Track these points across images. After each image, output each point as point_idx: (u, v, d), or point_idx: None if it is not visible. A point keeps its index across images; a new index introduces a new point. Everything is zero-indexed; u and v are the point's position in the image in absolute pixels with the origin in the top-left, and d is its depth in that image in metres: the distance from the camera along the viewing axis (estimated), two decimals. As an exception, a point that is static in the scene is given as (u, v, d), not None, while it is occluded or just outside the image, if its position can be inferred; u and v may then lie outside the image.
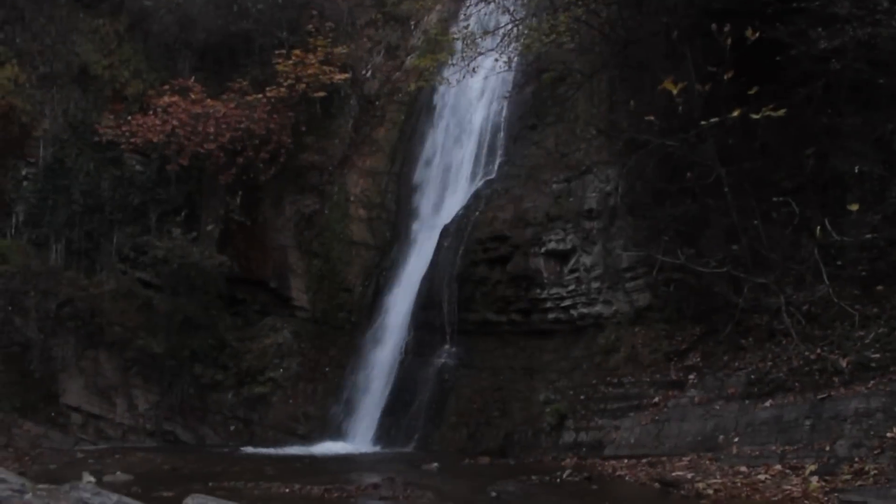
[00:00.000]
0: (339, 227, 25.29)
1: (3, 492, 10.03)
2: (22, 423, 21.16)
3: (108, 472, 15.41)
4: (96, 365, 22.91)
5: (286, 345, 24.39)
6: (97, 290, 23.33)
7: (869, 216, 13.56)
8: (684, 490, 12.20)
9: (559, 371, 20.03)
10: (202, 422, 23.51)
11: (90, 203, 24.26)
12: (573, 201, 20.74)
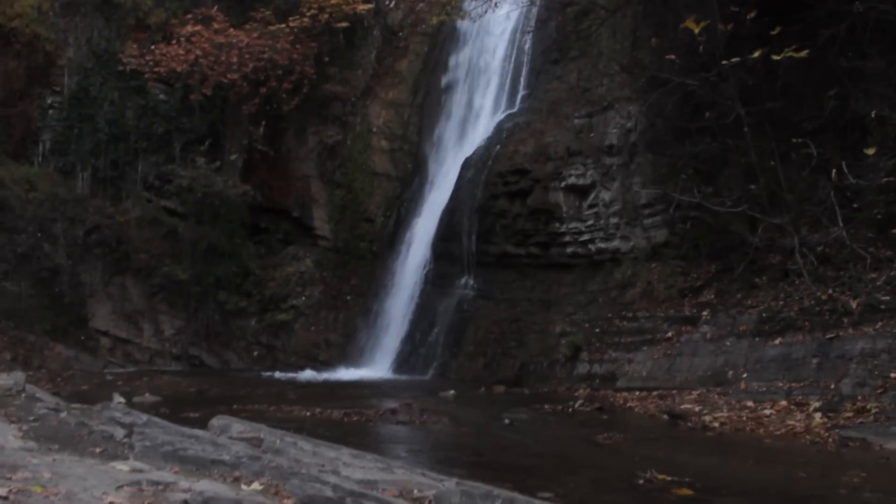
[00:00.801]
0: (361, 158, 25.48)
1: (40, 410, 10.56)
2: (53, 346, 21.79)
3: (137, 394, 15.98)
4: (123, 291, 23.47)
5: (308, 273, 24.83)
6: (123, 218, 23.78)
7: (883, 161, 13.58)
8: (691, 423, 12.57)
9: (575, 304, 20.36)
10: (226, 347, 24.12)
11: (115, 132, 24.55)
12: (594, 137, 20.80)
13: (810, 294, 14.65)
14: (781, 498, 7.92)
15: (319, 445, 8.37)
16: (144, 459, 8.08)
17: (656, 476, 8.21)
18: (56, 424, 9.98)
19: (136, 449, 8.49)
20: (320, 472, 7.16)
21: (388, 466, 7.70)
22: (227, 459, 7.67)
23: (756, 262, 16.42)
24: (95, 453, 8.57)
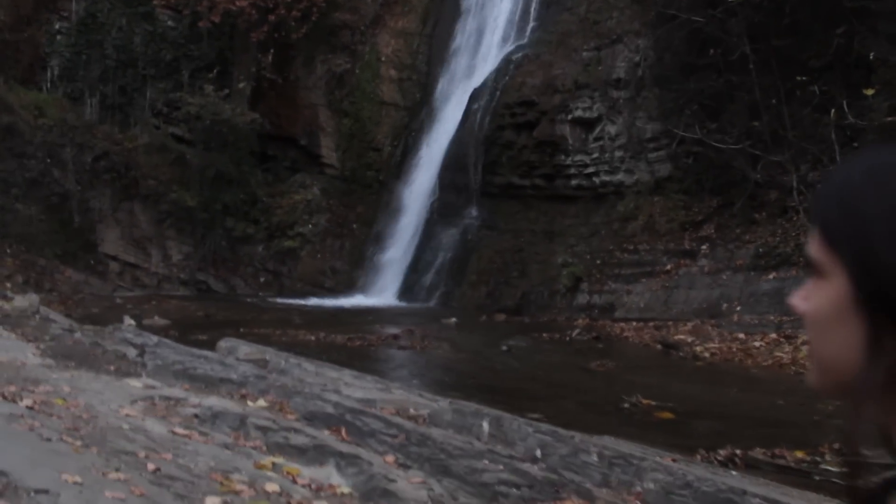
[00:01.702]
0: (369, 87, 25.55)
1: (55, 330, 11.00)
2: (63, 270, 22.21)
3: (147, 317, 16.43)
4: (132, 216, 23.81)
5: (315, 201, 25.11)
6: (131, 144, 23.98)
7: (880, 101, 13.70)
8: (683, 352, 12.98)
9: (578, 236, 20.66)
10: (233, 273, 24.54)
11: (123, 58, 24.61)
12: (602, 70, 20.85)
13: (807, 231, 14.89)
14: (757, 422, 8.34)
15: (322, 366, 8.78)
16: (156, 377, 8.52)
17: (641, 401, 8.62)
18: (71, 344, 10.42)
19: (148, 367, 8.93)
20: (322, 390, 7.56)
21: (387, 387, 8.11)
22: (235, 378, 8.09)
23: (756, 199, 16.66)
24: (110, 371, 9.01)
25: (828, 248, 0.88)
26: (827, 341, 0.89)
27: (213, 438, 6.58)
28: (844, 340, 0.87)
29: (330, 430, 6.70)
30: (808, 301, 0.90)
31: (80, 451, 5.64)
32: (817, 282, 0.89)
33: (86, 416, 6.69)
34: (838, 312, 0.87)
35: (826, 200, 0.89)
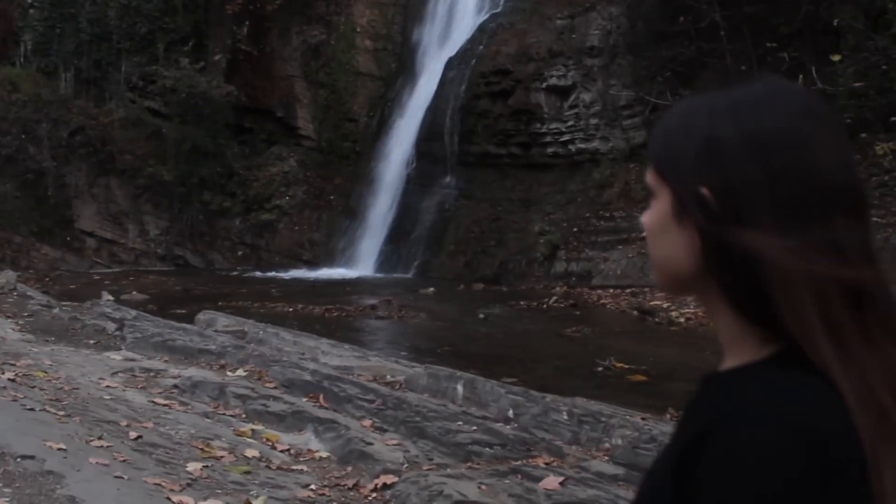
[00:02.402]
0: (345, 58, 25.49)
1: (34, 306, 11.07)
2: (40, 247, 22.15)
3: (125, 293, 16.48)
4: (108, 192, 23.73)
5: (292, 173, 25.10)
6: (107, 119, 23.85)
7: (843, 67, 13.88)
8: (658, 318, 13.20)
9: (554, 204, 20.81)
10: (211, 247, 24.54)
11: (97, 31, 24.40)
12: (576, 38, 20.91)
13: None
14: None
15: (300, 336, 8.91)
16: (136, 349, 8.64)
17: (614, 364, 8.81)
18: (50, 319, 10.51)
19: (127, 340, 9.04)
20: (300, 359, 7.71)
21: (364, 355, 8.26)
22: (214, 349, 8.22)
23: (729, 166, 16.82)
24: (90, 344, 9.12)
25: (655, 172, 1.08)
26: (659, 247, 1.09)
27: (193, 408, 6.72)
28: (671, 245, 1.06)
29: (308, 397, 6.85)
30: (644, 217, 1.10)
31: (63, 421, 5.77)
32: (653, 201, 1.09)
33: (67, 387, 6.81)
34: (665, 222, 1.06)
35: (653, 136, 1.10)
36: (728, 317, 1.04)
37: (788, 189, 0.99)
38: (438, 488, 4.74)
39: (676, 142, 1.07)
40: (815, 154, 1.01)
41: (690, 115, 1.07)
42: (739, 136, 1.01)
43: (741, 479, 0.91)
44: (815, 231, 0.99)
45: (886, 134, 14.78)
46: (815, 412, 0.92)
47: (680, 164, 1.06)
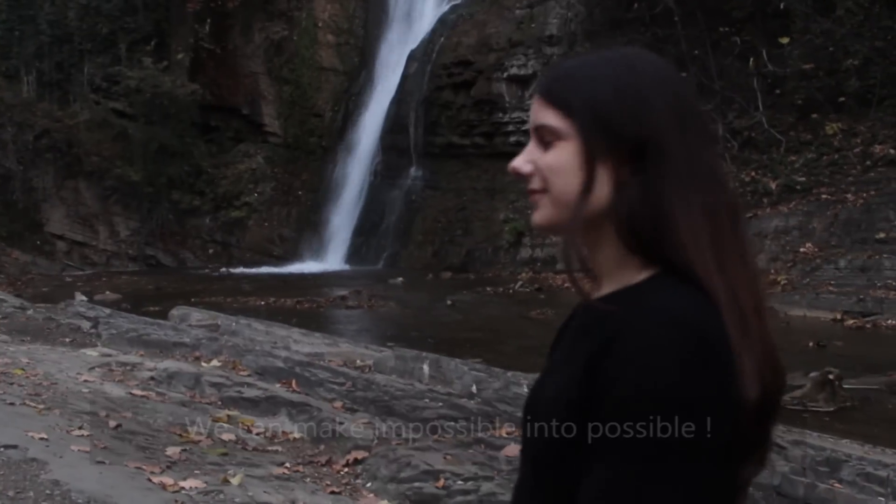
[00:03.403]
0: (307, 54, 25.64)
1: (7, 309, 11.22)
2: (10, 252, 22.14)
3: (98, 293, 16.61)
4: (76, 194, 23.74)
5: (260, 170, 25.26)
6: (72, 121, 23.84)
7: (792, 49, 14.31)
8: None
9: (518, 191, 21.11)
10: (182, 246, 24.65)
11: (58, 33, 24.37)
12: (535, 27, 21.24)
13: (735, 176, 15.53)
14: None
15: (272, 326, 9.17)
16: (112, 345, 8.85)
17: (576, 342, 9.13)
18: (24, 320, 10.67)
19: (103, 337, 9.25)
20: (273, 348, 7.97)
21: (335, 342, 8.54)
22: (188, 342, 8.46)
23: (687, 148, 17.23)
24: (66, 342, 9.31)
25: (564, 115, 1.24)
26: (569, 184, 1.23)
27: (170, 397, 6.97)
28: (584, 183, 1.22)
29: (281, 382, 7.12)
30: (543, 159, 1.25)
31: (44, 413, 6.00)
32: (550, 145, 1.24)
33: (46, 383, 7.02)
34: (578, 162, 1.22)
35: (556, 85, 1.26)
36: (612, 248, 1.24)
37: (690, 123, 1.22)
38: (406, 460, 5.04)
39: (587, 89, 1.23)
40: (691, 93, 1.26)
41: (592, 68, 1.25)
42: (646, 82, 1.22)
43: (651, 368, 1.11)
44: (705, 160, 1.23)
45: (836, 114, 15.24)
46: (699, 314, 1.15)
47: (598, 109, 1.21)
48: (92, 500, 4.37)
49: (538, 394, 1.29)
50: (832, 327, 11.14)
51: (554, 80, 1.28)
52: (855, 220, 13.11)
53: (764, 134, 15.95)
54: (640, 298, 1.18)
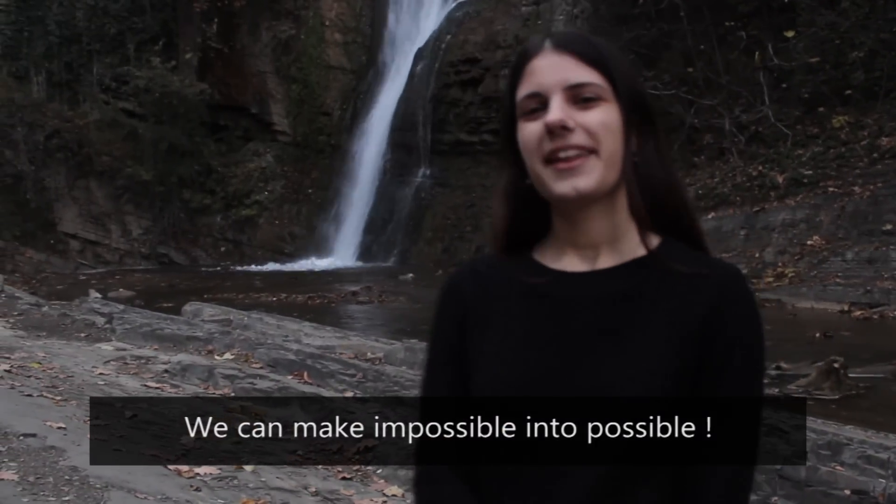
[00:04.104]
0: (315, 52, 25.76)
1: (23, 306, 11.37)
2: (24, 251, 22.34)
3: (112, 290, 16.77)
4: (88, 194, 23.93)
5: (269, 168, 25.41)
6: (82, 121, 24.03)
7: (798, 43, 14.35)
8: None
9: (528, 188, 21.23)
10: (194, 244, 24.82)
11: (67, 34, 24.56)
12: (541, 24, 21.30)
13: (742, 171, 15.60)
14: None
15: (283, 320, 9.30)
16: (126, 340, 8.99)
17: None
18: (40, 317, 10.83)
19: (117, 332, 9.39)
20: (284, 341, 8.09)
21: (346, 335, 8.66)
22: (201, 336, 8.59)
23: (695, 143, 17.31)
24: (81, 337, 9.46)
25: (607, 82, 1.27)
26: (616, 145, 1.27)
27: (184, 389, 7.10)
28: (621, 147, 1.28)
29: (292, 374, 7.24)
30: (586, 116, 1.26)
31: (61, 405, 6.13)
32: (592, 104, 1.27)
33: (62, 376, 7.16)
34: (619, 126, 1.27)
35: (598, 51, 1.29)
36: (622, 214, 1.30)
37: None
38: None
39: (619, 60, 1.29)
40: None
41: (606, 44, 1.31)
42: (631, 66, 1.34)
43: (759, 322, 1.27)
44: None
45: (843, 107, 15.28)
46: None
47: (630, 79, 1.29)
48: (109, 486, 4.49)
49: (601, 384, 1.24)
50: (839, 318, 11.19)
51: (585, 45, 1.29)
52: (862, 213, 13.16)
53: (770, 128, 15.98)
54: (708, 261, 1.29)
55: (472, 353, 1.35)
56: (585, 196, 1.26)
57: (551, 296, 1.31)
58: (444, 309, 1.42)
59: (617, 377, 1.23)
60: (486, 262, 1.41)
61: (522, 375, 1.28)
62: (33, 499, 4.16)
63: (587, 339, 1.27)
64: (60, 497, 4.23)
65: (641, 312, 1.26)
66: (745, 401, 1.24)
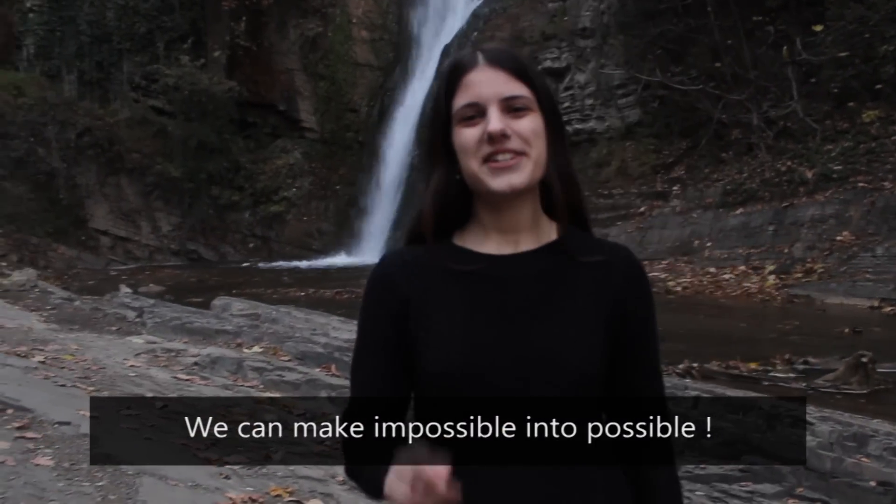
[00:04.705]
0: (342, 49, 25.89)
1: (55, 300, 11.56)
2: (56, 247, 22.64)
3: (142, 285, 16.97)
4: (119, 190, 24.21)
5: (297, 165, 25.58)
6: (113, 119, 24.32)
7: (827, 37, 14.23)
8: (656, 288, 13.56)
9: (553, 184, 21.21)
10: (222, 240, 25.04)
11: (97, 33, 24.85)
12: (568, 20, 21.27)
13: (771, 166, 15.50)
14: (718, 341, 9.00)
15: (311, 314, 9.38)
16: (156, 333, 9.12)
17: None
18: (72, 311, 11.01)
19: (147, 325, 9.53)
20: (312, 334, 8.18)
21: (372, 329, 8.71)
22: (230, 329, 8.70)
23: (723, 138, 17.22)
24: (112, 331, 9.61)
25: (531, 90, 1.48)
26: (540, 149, 1.49)
27: (214, 381, 7.20)
28: (545, 148, 1.50)
29: (321, 367, 7.33)
30: (519, 124, 1.47)
31: (94, 394, 6.25)
32: (522, 113, 1.47)
33: (94, 367, 7.29)
34: (544, 131, 1.49)
35: (519, 64, 1.50)
36: (534, 210, 1.52)
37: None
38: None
39: (540, 76, 1.52)
40: None
41: (526, 60, 1.54)
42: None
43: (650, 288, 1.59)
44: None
45: (873, 102, 15.14)
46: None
47: (549, 92, 1.52)
48: (142, 473, 4.58)
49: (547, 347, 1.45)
50: (869, 314, 11.12)
51: (515, 61, 1.50)
52: (892, 208, 13.05)
53: (799, 123, 15.87)
54: (614, 247, 1.59)
55: (418, 336, 1.50)
56: (518, 191, 1.46)
57: (486, 276, 1.50)
58: (375, 300, 1.58)
59: (557, 343, 1.45)
60: (411, 252, 1.57)
61: (474, 348, 1.45)
62: (68, 484, 4.27)
63: (524, 312, 1.47)
64: (94, 482, 4.33)
65: (567, 285, 1.50)
66: (655, 350, 1.56)
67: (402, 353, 1.51)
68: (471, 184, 1.51)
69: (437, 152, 1.55)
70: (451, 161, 1.53)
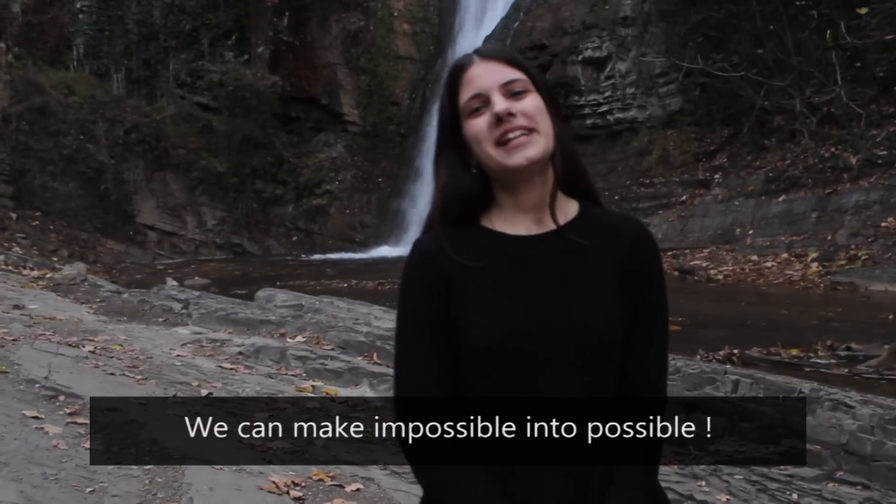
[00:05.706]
0: (384, 43, 26.03)
1: (104, 293, 11.83)
2: (105, 242, 23.10)
3: (188, 278, 17.27)
4: (165, 186, 24.62)
5: (340, 158, 25.78)
6: (159, 116, 24.72)
7: (872, 19, 14.01)
8: (698, 276, 13.57)
9: (596, 174, 21.10)
10: (266, 234, 25.35)
11: (144, 32, 25.27)
12: (608, 9, 21.18)
13: (814, 152, 15.33)
14: (757, 328, 8.97)
15: (353, 304, 9.52)
16: (201, 324, 9.32)
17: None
18: (120, 303, 11.27)
19: (193, 317, 9.73)
20: (354, 324, 8.30)
21: (412, 318, 8.82)
22: (274, 319, 8.86)
23: (765, 125, 17.05)
24: (159, 322, 9.84)
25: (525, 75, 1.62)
26: (545, 124, 1.60)
27: (258, 370, 7.36)
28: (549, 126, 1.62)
29: (363, 356, 7.45)
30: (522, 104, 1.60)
31: (141, 383, 6.43)
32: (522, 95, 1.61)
33: (142, 357, 7.49)
34: (545, 108, 1.62)
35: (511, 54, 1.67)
36: (548, 189, 1.61)
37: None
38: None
39: (529, 64, 1.65)
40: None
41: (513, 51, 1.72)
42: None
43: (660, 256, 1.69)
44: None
45: (920, 85, 14.91)
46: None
47: (543, 78, 1.66)
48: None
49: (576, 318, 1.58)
50: (915, 301, 10.97)
51: (506, 53, 1.67)
52: (939, 193, 12.88)
53: (843, 108, 15.67)
54: (625, 218, 1.69)
55: (460, 315, 1.59)
56: (535, 163, 1.58)
57: (516, 257, 1.61)
58: (418, 283, 1.65)
59: (583, 314, 1.56)
60: (445, 237, 1.66)
61: (512, 324, 1.55)
62: (117, 467, 4.43)
63: (551, 288, 1.58)
64: (142, 466, 4.49)
65: (588, 261, 1.60)
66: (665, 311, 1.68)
67: (448, 336, 1.59)
68: (489, 168, 1.63)
69: (447, 150, 1.71)
70: (460, 154, 1.68)
